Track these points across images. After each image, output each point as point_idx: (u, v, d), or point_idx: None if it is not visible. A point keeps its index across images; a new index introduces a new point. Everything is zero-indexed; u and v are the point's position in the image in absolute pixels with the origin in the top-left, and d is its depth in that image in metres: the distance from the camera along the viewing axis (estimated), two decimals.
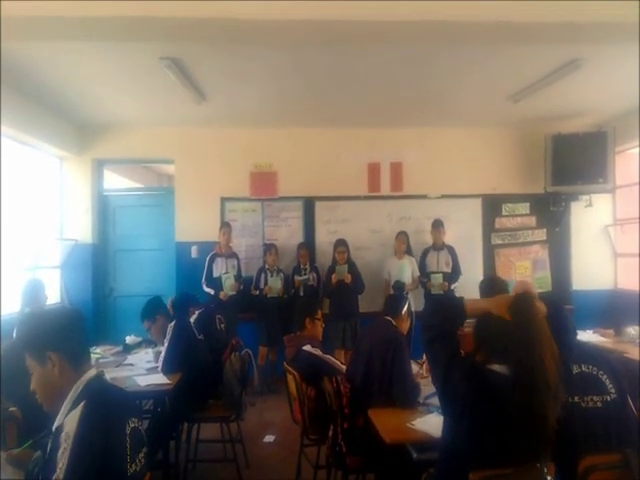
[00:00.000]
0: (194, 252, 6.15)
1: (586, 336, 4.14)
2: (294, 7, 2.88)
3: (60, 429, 1.44)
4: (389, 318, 3.12)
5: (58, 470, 1.36)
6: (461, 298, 1.81)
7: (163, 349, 3.59)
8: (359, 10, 2.89)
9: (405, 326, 3.17)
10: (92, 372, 1.60)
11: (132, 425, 1.51)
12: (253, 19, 2.92)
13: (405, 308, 3.17)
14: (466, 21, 3.00)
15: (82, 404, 1.46)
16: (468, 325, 1.84)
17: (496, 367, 1.68)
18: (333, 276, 5.62)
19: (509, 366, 1.62)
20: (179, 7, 2.83)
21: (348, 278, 5.61)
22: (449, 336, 1.77)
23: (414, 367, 3.09)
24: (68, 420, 1.44)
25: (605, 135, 5.85)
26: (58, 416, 1.50)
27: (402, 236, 5.90)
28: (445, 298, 4.75)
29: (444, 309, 1.82)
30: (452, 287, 5.75)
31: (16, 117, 4.80)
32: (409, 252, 5.95)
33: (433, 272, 5.78)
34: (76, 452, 1.37)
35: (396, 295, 3.86)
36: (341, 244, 5.75)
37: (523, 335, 1.56)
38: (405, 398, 2.70)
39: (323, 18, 2.93)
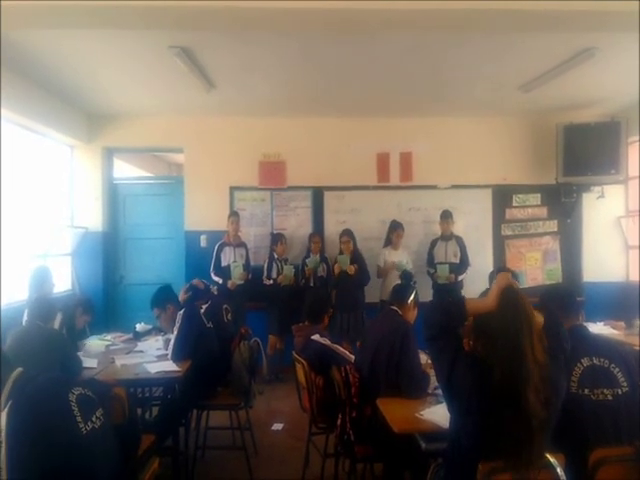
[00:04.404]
0: (203, 241, 6.17)
1: (597, 328, 4.11)
2: None
3: None
4: (395, 308, 3.11)
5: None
6: (462, 298, 1.83)
7: (172, 337, 3.62)
8: None
9: (412, 315, 3.13)
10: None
11: (77, 392, 1.72)
12: (262, 7, 2.90)
13: (412, 297, 3.14)
14: (477, 9, 2.97)
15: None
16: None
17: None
18: (336, 266, 5.59)
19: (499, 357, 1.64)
20: None
21: (351, 269, 5.51)
22: (451, 333, 1.77)
23: (422, 357, 3.03)
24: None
25: (618, 125, 5.77)
26: None
27: (400, 230, 5.79)
28: (447, 297, 4.79)
29: (445, 308, 1.82)
30: (460, 278, 5.69)
31: (26, 105, 4.83)
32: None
33: (440, 263, 5.72)
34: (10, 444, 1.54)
35: (403, 284, 3.85)
36: (345, 234, 5.70)
37: (511, 324, 1.63)
38: (413, 389, 2.69)
39: (333, 6, 2.91)
